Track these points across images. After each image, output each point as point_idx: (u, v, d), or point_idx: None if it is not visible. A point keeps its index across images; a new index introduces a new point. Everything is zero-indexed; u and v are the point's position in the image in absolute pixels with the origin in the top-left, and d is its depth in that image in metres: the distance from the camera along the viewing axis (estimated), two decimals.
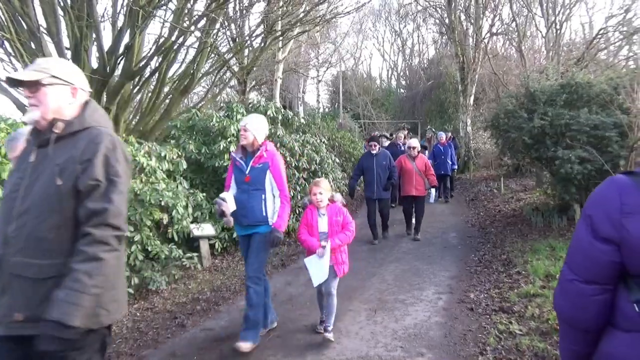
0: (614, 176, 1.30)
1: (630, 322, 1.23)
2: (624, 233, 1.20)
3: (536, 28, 15.10)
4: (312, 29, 13.60)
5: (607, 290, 1.27)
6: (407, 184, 7.86)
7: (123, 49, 7.06)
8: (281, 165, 3.89)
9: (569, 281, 1.34)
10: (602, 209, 1.26)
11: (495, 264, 6.06)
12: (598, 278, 1.27)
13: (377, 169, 7.53)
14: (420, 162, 7.92)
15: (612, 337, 1.28)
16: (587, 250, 1.29)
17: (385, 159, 7.65)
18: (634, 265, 1.21)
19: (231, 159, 4.03)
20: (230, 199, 3.72)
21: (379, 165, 7.54)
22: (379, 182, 7.51)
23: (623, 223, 1.20)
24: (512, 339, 3.80)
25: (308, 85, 31.66)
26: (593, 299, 1.28)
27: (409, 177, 7.84)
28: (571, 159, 6.29)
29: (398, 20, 30.19)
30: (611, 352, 1.27)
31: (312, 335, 4.03)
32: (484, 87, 18.38)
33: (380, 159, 7.59)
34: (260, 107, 8.80)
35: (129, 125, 8.49)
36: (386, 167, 7.57)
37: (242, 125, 3.85)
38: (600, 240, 1.25)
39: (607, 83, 6.97)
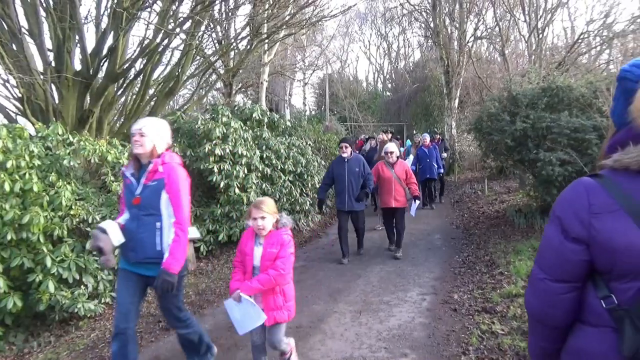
0: (580, 179, 1.36)
1: (598, 318, 1.28)
2: (592, 232, 1.26)
3: (519, 32, 15.33)
4: (298, 31, 13.61)
5: (576, 288, 1.33)
6: (386, 194, 6.90)
7: (107, 51, 7.01)
8: (181, 183, 3.02)
9: (539, 280, 1.39)
10: (572, 210, 1.31)
11: (478, 265, 6.13)
12: (568, 277, 1.33)
13: (348, 177, 6.61)
14: (399, 168, 6.95)
15: (581, 333, 1.34)
16: (557, 250, 1.34)
17: (359, 164, 6.72)
18: (602, 263, 1.26)
19: (122, 175, 3.22)
20: (114, 228, 2.93)
21: (351, 172, 6.62)
22: (351, 192, 6.59)
23: (592, 222, 1.26)
24: (494, 339, 3.86)
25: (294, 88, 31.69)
26: (563, 297, 1.34)
27: (388, 186, 6.88)
28: (552, 161, 6.40)
29: (384, 23, 30.37)
30: (581, 347, 1.33)
31: (298, 337, 4.02)
32: (468, 91, 18.59)
33: (352, 165, 6.67)
34: (246, 109, 8.79)
35: (113, 128, 8.41)
36: (359, 175, 6.67)
37: (136, 130, 2.99)
38: (571, 240, 1.30)
39: (587, 87, 7.11)
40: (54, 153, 4.93)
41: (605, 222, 1.24)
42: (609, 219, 1.23)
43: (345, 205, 6.66)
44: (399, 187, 6.85)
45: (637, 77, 1.27)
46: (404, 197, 6.91)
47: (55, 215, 4.42)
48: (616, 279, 1.25)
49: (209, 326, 4.41)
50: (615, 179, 1.27)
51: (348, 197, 6.64)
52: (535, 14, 13.42)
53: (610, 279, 1.26)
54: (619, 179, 1.26)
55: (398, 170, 6.93)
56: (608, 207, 1.24)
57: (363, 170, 6.69)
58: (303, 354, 3.71)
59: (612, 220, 1.23)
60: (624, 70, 1.33)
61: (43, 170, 4.74)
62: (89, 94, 7.17)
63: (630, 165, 1.24)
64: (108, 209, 4.97)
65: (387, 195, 6.89)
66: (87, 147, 5.04)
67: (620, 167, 1.27)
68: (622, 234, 1.21)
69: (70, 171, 5.08)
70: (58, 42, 6.90)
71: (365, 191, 6.71)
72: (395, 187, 6.82)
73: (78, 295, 4.37)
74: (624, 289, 1.23)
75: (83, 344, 4.08)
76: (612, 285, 1.26)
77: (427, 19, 18.88)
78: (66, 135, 5.12)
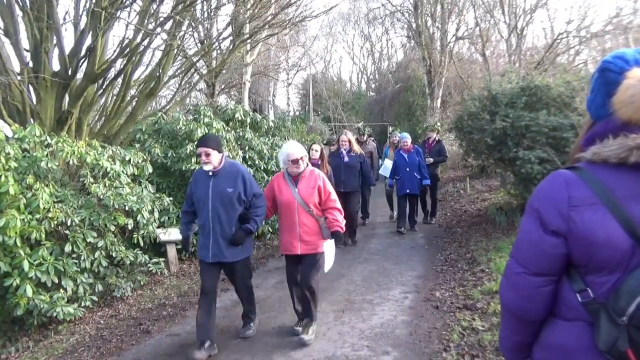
0: (558, 171, 1.35)
1: (573, 312, 1.28)
2: (571, 225, 1.25)
3: (499, 33, 15.55)
4: (281, 32, 13.60)
5: (553, 282, 1.33)
6: (286, 231, 4.06)
7: (85, 51, 6.92)
8: None
9: (517, 274, 1.38)
10: (550, 203, 1.30)
11: (460, 262, 6.20)
12: (546, 270, 1.32)
13: (212, 202, 3.79)
14: (308, 184, 4.02)
15: (554, 327, 1.34)
16: (536, 243, 1.33)
17: (231, 180, 3.83)
18: (579, 256, 1.26)
19: None
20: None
21: (215, 195, 3.79)
22: (220, 231, 3.80)
23: (571, 215, 1.26)
24: (475, 335, 3.90)
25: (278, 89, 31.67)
26: (540, 291, 1.33)
27: (288, 216, 4.02)
28: (531, 160, 6.49)
29: (367, 24, 30.50)
30: (554, 342, 1.33)
31: (280, 337, 4.03)
32: (450, 90, 18.75)
33: (218, 183, 3.81)
34: (228, 110, 8.75)
35: (93, 129, 8.31)
36: (230, 199, 3.81)
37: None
38: (550, 233, 1.29)
39: (564, 86, 7.23)
40: (31, 155, 4.85)
41: (585, 215, 1.24)
42: (588, 211, 1.23)
43: (210, 253, 3.85)
44: (308, 217, 3.98)
45: (620, 68, 1.26)
46: (317, 235, 4.01)
47: (33, 218, 4.35)
48: (593, 272, 1.25)
49: (191, 328, 4.37)
50: (593, 172, 1.27)
51: (213, 241, 3.92)
52: (514, 14, 13.62)
53: (587, 272, 1.27)
54: (597, 172, 1.26)
55: (305, 188, 3.97)
56: (587, 200, 1.24)
57: (245, 188, 3.88)
58: (285, 354, 3.71)
59: (591, 213, 1.23)
60: (606, 62, 1.31)
61: (20, 172, 4.66)
62: (68, 95, 7.07)
63: (609, 158, 1.24)
64: (87, 211, 4.91)
65: (287, 233, 4.03)
66: (66, 149, 4.96)
67: (599, 160, 1.26)
68: (601, 227, 1.21)
69: (49, 173, 5.00)
70: (35, 42, 6.80)
71: (244, 228, 3.85)
72: (300, 219, 3.96)
73: (57, 299, 4.30)
74: (601, 282, 1.24)
75: (62, 348, 4.03)
76: (588, 279, 1.26)
77: (409, 19, 19.00)
78: (44, 136, 5.04)
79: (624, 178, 1.23)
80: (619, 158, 1.22)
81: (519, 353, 1.48)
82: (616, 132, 1.25)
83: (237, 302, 5.00)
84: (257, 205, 3.92)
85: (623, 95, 1.22)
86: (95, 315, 4.79)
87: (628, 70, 1.24)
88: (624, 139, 1.23)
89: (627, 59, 1.28)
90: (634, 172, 1.23)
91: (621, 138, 1.23)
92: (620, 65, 1.27)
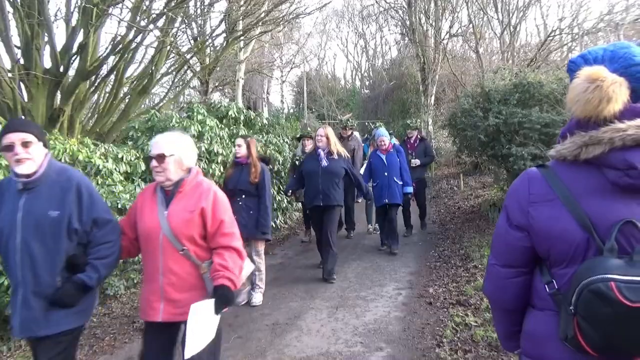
0: (528, 169, 1.44)
1: (543, 302, 1.37)
2: (530, 220, 1.34)
3: (492, 30, 15.60)
4: (274, 29, 13.56)
5: (522, 273, 1.42)
6: (147, 282, 2.52)
7: (77, 48, 6.86)
8: None
9: (491, 266, 1.49)
10: (515, 199, 1.40)
11: (454, 259, 6.23)
12: (513, 262, 1.42)
13: (23, 233, 2.22)
14: (185, 206, 2.43)
15: (531, 316, 1.43)
16: (504, 237, 1.43)
17: (56, 197, 2.28)
18: (541, 250, 1.35)
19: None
20: None
21: (28, 222, 2.22)
22: (34, 284, 2.20)
23: (529, 211, 1.34)
24: (468, 331, 3.93)
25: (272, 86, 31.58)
26: (511, 281, 1.43)
27: (150, 256, 2.46)
28: (524, 156, 6.53)
29: (361, 21, 30.50)
30: (530, 330, 1.42)
31: (273, 335, 4.04)
32: (444, 87, 18.81)
33: (34, 201, 2.25)
34: (222, 107, 8.73)
35: (86, 127, 8.24)
36: (54, 229, 2.23)
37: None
38: (514, 227, 1.39)
39: (557, 83, 7.27)
40: None
41: (542, 211, 1.32)
42: (546, 207, 1.31)
43: None
44: (179, 260, 2.40)
45: (578, 67, 1.32)
46: (195, 291, 2.42)
47: None
48: (555, 264, 1.33)
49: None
50: (555, 169, 1.34)
51: None
52: (507, 11, 13.66)
53: (551, 264, 1.35)
54: (558, 169, 1.33)
55: (178, 212, 2.42)
56: (545, 196, 1.32)
57: None
58: (279, 351, 3.72)
59: (548, 209, 1.30)
60: (570, 62, 1.40)
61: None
62: (60, 92, 7.01)
63: (566, 155, 1.31)
64: None
65: (147, 284, 2.54)
66: (57, 146, 4.93)
67: (560, 158, 1.33)
68: (557, 221, 1.28)
69: None
70: (26, 39, 6.72)
71: None
72: (164, 261, 2.40)
73: None
74: (562, 274, 1.31)
75: None
76: (553, 271, 1.34)
77: (403, 16, 19.03)
78: None
79: (580, 174, 1.30)
80: (573, 155, 1.29)
81: (509, 341, 1.58)
82: (572, 130, 1.32)
83: None
84: (101, 239, 2.34)
85: (571, 94, 1.28)
86: None
87: None
88: (576, 137, 1.29)
89: (587, 57, 1.34)
90: (589, 169, 1.28)
91: (575, 136, 1.30)
92: (579, 63, 1.34)
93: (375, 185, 6.90)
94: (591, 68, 1.26)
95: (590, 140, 1.25)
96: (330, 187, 5.53)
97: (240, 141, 5.01)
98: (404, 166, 6.90)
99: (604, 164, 1.25)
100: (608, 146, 1.22)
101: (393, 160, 6.81)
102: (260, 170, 4.83)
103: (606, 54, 1.32)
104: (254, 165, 4.86)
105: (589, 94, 1.22)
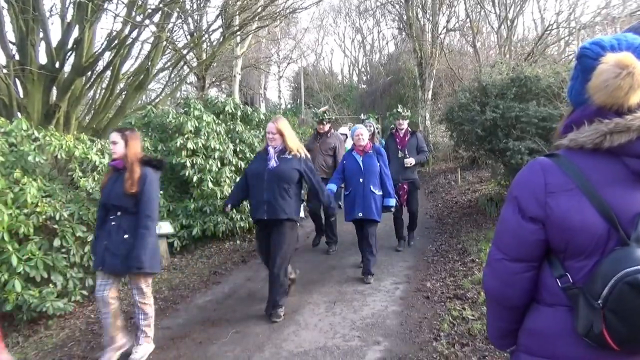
0: (537, 159, 1.37)
1: (554, 297, 1.31)
2: (548, 211, 1.27)
3: (489, 24, 15.57)
4: (271, 24, 13.51)
5: (533, 268, 1.35)
6: None
7: (72, 44, 6.83)
8: None
9: (497, 260, 1.40)
10: (528, 190, 1.32)
11: (451, 253, 6.24)
12: (525, 256, 1.34)
13: None
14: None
15: (537, 313, 1.36)
16: (515, 230, 1.35)
17: None
18: (557, 242, 1.28)
19: None
20: None
21: None
22: None
23: (547, 201, 1.27)
24: (465, 324, 3.94)
25: (270, 82, 31.55)
26: (521, 276, 1.36)
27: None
28: (521, 150, 6.54)
29: (358, 16, 30.42)
30: (536, 327, 1.35)
31: (271, 330, 4.04)
32: (441, 82, 18.78)
33: None
34: (218, 102, 8.69)
35: (82, 123, 8.21)
36: None
37: None
38: (528, 219, 1.31)
39: (554, 77, 7.27)
40: (18, 149, 4.79)
41: (561, 201, 1.25)
42: (564, 197, 1.25)
43: None
44: None
45: (596, 54, 1.27)
46: None
47: (21, 213, 4.30)
48: (571, 257, 1.27)
49: (182, 321, 4.38)
50: (570, 158, 1.28)
51: None
52: (505, 5, 13.63)
53: (565, 257, 1.29)
54: (574, 158, 1.28)
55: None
56: (563, 185, 1.26)
57: None
58: (277, 345, 3.72)
59: (567, 199, 1.25)
60: (584, 48, 1.32)
61: (7, 167, 4.60)
62: (55, 88, 6.98)
63: (584, 144, 1.25)
64: (76, 205, 4.86)
65: None
66: (53, 143, 4.91)
67: (576, 146, 1.28)
68: (577, 212, 1.23)
69: (37, 167, 4.94)
70: (21, 35, 6.69)
71: None
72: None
73: (46, 294, 4.26)
74: (579, 267, 1.26)
75: (52, 343, 4.01)
76: (567, 264, 1.28)
77: (400, 11, 18.98)
78: (31, 130, 4.98)
79: (600, 163, 1.25)
80: (594, 144, 1.24)
81: (505, 339, 1.51)
82: (591, 117, 1.27)
83: (228, 295, 5.03)
84: None
85: (597, 80, 1.23)
86: (86, 310, 4.76)
87: (603, 56, 1.25)
88: (598, 125, 1.24)
89: (604, 45, 1.28)
90: (609, 158, 1.24)
91: (596, 124, 1.25)
92: (597, 51, 1.28)
93: (347, 195, 5.49)
94: (621, 54, 1.21)
95: (617, 127, 1.20)
96: (277, 195, 4.17)
97: (115, 136, 3.57)
98: (386, 172, 5.45)
99: (628, 153, 1.21)
100: (636, 134, 1.19)
101: (372, 164, 5.40)
102: (141, 177, 3.48)
103: (622, 43, 1.27)
104: (132, 170, 3.50)
105: (620, 80, 1.18)
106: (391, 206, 5.43)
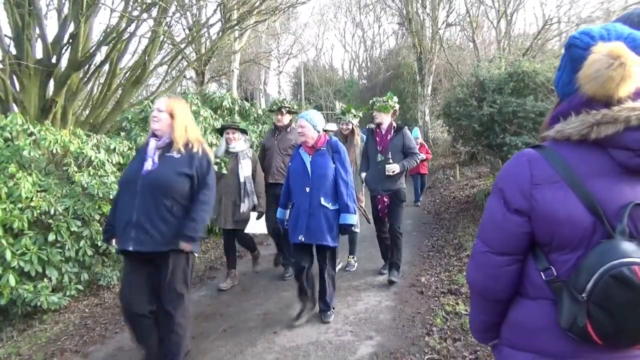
0: (523, 150, 1.35)
1: (537, 290, 1.29)
2: (533, 203, 1.26)
3: (489, 19, 15.51)
4: (269, 18, 13.46)
5: (518, 261, 1.33)
6: None
7: (68, 38, 6.81)
8: None
9: (482, 253, 1.38)
10: (514, 182, 1.30)
11: (447, 248, 6.24)
12: (510, 249, 1.32)
13: None
14: None
15: (520, 306, 1.35)
16: (500, 223, 1.33)
17: None
18: (542, 234, 1.27)
19: None
20: None
21: None
22: None
23: (533, 194, 1.26)
24: (458, 319, 3.94)
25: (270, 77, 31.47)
26: (505, 270, 1.34)
27: None
28: (518, 145, 6.53)
29: (358, 11, 30.30)
30: (520, 320, 1.34)
31: (264, 325, 4.05)
32: (440, 77, 18.74)
33: None
34: (216, 97, 8.69)
35: (79, 118, 8.21)
36: None
37: None
38: (513, 212, 1.29)
39: (552, 72, 7.24)
40: (13, 144, 4.80)
41: (546, 193, 1.24)
42: (550, 189, 1.24)
43: None
44: None
45: (586, 44, 1.25)
46: None
47: (15, 207, 4.31)
48: (555, 250, 1.26)
49: None
50: (557, 150, 1.27)
51: None
52: (504, 0, 13.58)
53: (550, 250, 1.27)
54: (560, 150, 1.26)
55: None
56: (549, 178, 1.24)
57: None
58: (269, 340, 3.73)
59: (553, 191, 1.23)
60: (573, 38, 1.30)
61: (2, 161, 4.61)
62: (52, 83, 6.97)
63: (571, 135, 1.24)
64: (71, 200, 4.87)
65: None
66: (49, 137, 4.91)
67: (562, 138, 1.26)
68: (563, 204, 1.21)
69: (32, 162, 4.95)
70: (17, 29, 6.68)
71: None
72: None
73: (41, 288, 4.28)
74: (563, 260, 1.25)
75: (45, 337, 4.02)
76: (552, 257, 1.27)
77: (400, 6, 18.90)
78: (26, 125, 4.98)
79: (586, 155, 1.24)
80: (580, 135, 1.22)
81: (487, 332, 1.50)
82: (579, 108, 1.25)
83: (222, 290, 5.03)
84: None
85: (589, 70, 1.20)
86: (81, 304, 4.78)
87: (593, 46, 1.22)
88: (585, 116, 1.22)
89: (593, 34, 1.26)
90: (595, 150, 1.23)
91: (583, 115, 1.23)
92: (586, 41, 1.26)
93: (292, 208, 3.99)
94: (613, 44, 1.19)
95: (604, 118, 1.19)
96: (151, 215, 2.82)
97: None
98: (343, 178, 3.87)
99: (614, 145, 1.19)
100: (623, 125, 1.17)
101: (323, 165, 3.86)
102: None
103: (611, 33, 1.25)
104: None
105: (612, 70, 1.15)
106: (349, 225, 3.89)
